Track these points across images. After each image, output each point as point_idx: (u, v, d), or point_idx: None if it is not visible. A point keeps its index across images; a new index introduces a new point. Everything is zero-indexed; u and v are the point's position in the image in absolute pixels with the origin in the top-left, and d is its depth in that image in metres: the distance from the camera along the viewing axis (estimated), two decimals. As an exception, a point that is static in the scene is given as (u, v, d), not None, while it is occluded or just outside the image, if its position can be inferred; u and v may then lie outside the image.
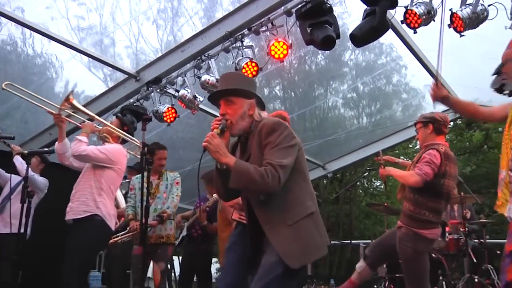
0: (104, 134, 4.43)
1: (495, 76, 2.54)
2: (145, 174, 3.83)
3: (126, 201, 5.63)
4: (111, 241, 4.88)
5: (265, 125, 2.61)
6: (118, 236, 5.26)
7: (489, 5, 4.53)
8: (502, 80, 2.61)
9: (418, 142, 4.58)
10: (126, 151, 4.47)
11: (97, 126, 4.52)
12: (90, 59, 6.25)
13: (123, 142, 4.57)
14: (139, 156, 3.79)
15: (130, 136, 4.61)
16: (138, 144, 4.50)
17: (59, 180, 5.56)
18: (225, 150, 2.54)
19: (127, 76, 6.24)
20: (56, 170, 5.59)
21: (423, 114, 4.49)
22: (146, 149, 3.75)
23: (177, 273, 6.65)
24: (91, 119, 4.64)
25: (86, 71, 6.77)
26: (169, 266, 14.54)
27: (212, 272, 7.41)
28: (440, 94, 3.14)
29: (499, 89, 2.41)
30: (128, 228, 5.31)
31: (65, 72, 6.71)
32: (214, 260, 7.76)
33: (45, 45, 6.19)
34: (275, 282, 2.48)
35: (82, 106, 4.88)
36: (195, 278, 6.29)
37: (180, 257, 6.42)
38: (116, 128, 4.49)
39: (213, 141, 2.51)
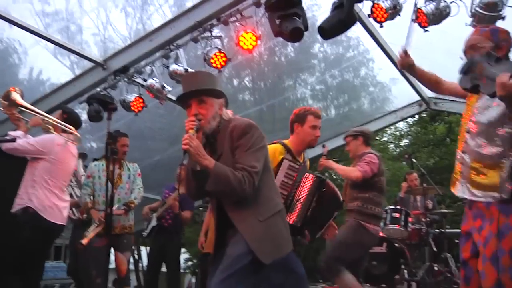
0: (47, 125, 4.31)
1: (462, 75, 2.58)
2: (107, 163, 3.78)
3: (81, 188, 5.52)
4: (85, 240, 4.78)
5: (237, 127, 2.63)
6: (89, 232, 5.10)
7: (451, 2, 4.61)
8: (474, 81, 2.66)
9: (383, 134, 4.80)
10: (62, 140, 4.30)
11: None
12: (56, 46, 6.09)
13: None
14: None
15: (69, 126, 4.43)
16: (77, 135, 4.43)
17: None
18: (204, 152, 2.53)
19: (94, 64, 6.11)
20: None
21: (353, 129, 4.98)
22: (109, 137, 3.67)
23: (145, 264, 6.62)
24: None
25: (52, 58, 6.60)
26: (136, 256, 14.40)
27: (181, 262, 7.40)
28: (407, 62, 3.20)
29: (474, 90, 2.44)
30: (95, 223, 5.14)
31: (29, 58, 6.53)
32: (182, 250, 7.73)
33: (6, 30, 6.00)
34: (238, 273, 2.49)
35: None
36: (163, 268, 6.28)
37: (148, 248, 6.39)
38: (53, 118, 4.34)
39: (193, 143, 2.50)
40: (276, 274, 2.64)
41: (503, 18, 4.37)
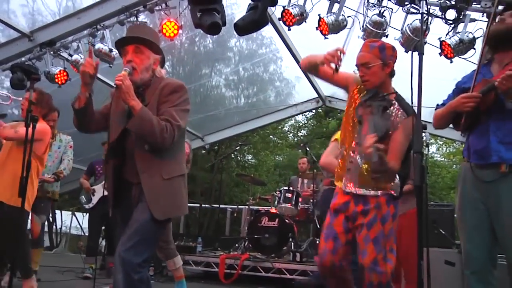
0: None
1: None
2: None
3: None
4: None
5: (169, 84, 2.50)
6: None
7: (348, 16, 4.90)
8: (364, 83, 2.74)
9: (285, 125, 4.83)
10: None
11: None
12: (-19, 12, 5.65)
13: None
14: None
15: None
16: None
17: None
18: (133, 93, 2.36)
19: (20, 34, 5.75)
20: None
21: None
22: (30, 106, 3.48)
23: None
24: None
25: (-25, 23, 6.09)
26: (51, 219, 13.83)
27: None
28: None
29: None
30: None
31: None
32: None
33: None
34: (147, 240, 2.39)
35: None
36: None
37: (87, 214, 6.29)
38: None
39: (126, 82, 2.34)
40: None
41: (386, 35, 4.73)
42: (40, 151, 4.01)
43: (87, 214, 6.64)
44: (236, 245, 6.74)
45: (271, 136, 18.13)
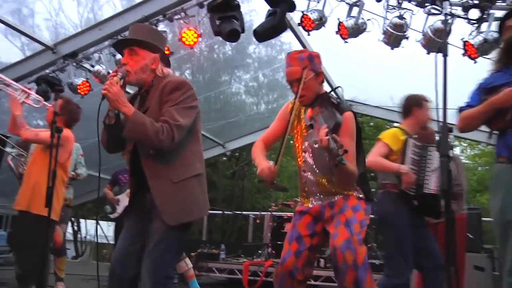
0: None
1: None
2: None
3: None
4: None
5: (171, 82, 2.38)
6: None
7: (367, 20, 4.86)
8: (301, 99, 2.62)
9: None
10: None
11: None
12: (7, 27, 5.79)
13: None
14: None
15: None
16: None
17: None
18: (124, 99, 2.29)
19: (44, 47, 5.88)
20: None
21: None
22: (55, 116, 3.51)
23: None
24: None
25: (2, 37, 6.26)
26: (75, 227, 13.98)
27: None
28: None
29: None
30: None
31: (-22, 36, 6.16)
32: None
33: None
34: (170, 249, 2.34)
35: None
36: None
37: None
38: None
39: (112, 89, 2.27)
40: None
41: (407, 38, 4.67)
42: (63, 157, 3.90)
43: (111, 222, 6.69)
44: (259, 251, 6.72)
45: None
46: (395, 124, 3.82)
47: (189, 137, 2.41)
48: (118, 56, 5.48)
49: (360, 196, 2.60)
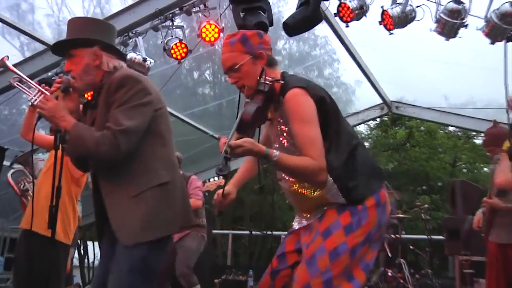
0: None
1: None
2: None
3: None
4: None
5: (114, 79, 2.27)
6: None
7: (417, 6, 4.75)
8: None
9: None
10: None
11: None
12: (5, 25, 5.89)
13: None
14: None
15: None
16: None
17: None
18: (62, 113, 2.21)
19: (46, 47, 5.96)
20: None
21: None
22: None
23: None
24: None
25: (-1, 37, 6.39)
26: (82, 252, 14.10)
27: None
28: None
29: None
30: None
31: (-27, 37, 6.29)
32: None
33: None
34: (137, 274, 2.22)
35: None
36: None
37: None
38: None
39: (46, 105, 2.21)
40: None
41: (465, 26, 4.53)
42: (77, 172, 3.79)
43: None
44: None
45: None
46: None
47: (150, 140, 2.30)
48: (130, 55, 5.48)
49: (343, 203, 2.29)
